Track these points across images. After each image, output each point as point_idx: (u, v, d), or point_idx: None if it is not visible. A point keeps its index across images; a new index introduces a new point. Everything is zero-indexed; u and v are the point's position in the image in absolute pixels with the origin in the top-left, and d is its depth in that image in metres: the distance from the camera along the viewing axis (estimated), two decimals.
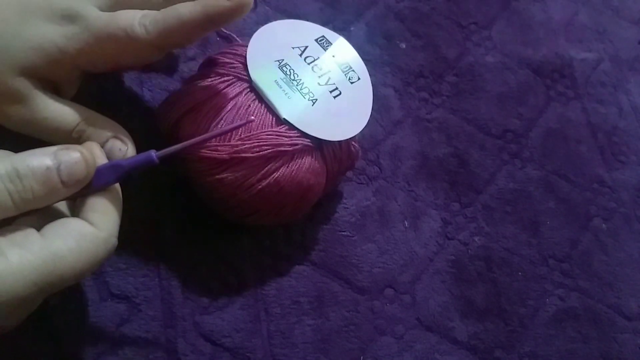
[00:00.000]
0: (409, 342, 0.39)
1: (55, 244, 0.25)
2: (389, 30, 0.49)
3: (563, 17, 0.55)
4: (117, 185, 0.30)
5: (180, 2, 0.33)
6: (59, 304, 0.34)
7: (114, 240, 0.28)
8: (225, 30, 0.44)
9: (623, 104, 0.53)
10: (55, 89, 0.33)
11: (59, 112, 0.32)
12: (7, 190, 0.25)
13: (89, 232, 0.27)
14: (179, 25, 0.32)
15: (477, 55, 0.51)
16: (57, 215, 0.29)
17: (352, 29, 0.48)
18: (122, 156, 0.31)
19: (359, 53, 0.39)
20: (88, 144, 0.30)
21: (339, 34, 0.39)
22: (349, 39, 0.39)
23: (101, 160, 0.29)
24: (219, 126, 0.34)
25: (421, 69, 0.49)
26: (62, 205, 0.30)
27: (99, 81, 0.40)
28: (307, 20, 0.40)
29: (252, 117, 0.34)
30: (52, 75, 0.32)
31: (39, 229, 0.26)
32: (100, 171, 0.28)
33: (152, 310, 0.35)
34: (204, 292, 0.37)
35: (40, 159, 0.26)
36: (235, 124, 0.31)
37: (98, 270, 0.35)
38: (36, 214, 0.27)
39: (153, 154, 0.29)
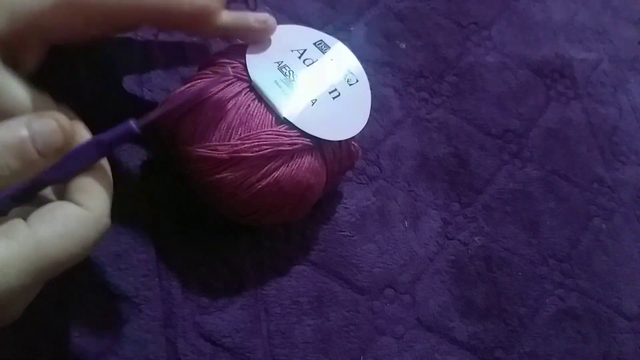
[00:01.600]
0: (409, 342, 0.39)
1: (41, 230, 0.24)
2: (389, 30, 0.49)
3: (563, 17, 0.55)
4: (106, 162, 0.28)
5: None
6: (58, 303, 0.34)
7: (105, 220, 0.27)
8: None
9: (623, 104, 0.53)
10: (14, 62, 0.30)
11: (15, 93, 0.29)
12: None
13: (75, 214, 0.26)
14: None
15: (477, 55, 0.51)
16: (45, 202, 0.27)
17: (352, 29, 0.48)
18: None
19: (359, 53, 0.39)
20: (60, 109, 0.28)
21: (339, 34, 0.40)
22: (349, 39, 0.40)
23: (81, 136, 0.28)
24: (219, 126, 0.34)
25: (421, 69, 0.49)
26: (48, 191, 0.29)
27: (98, 82, 0.40)
28: (308, 20, 0.40)
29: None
30: (15, 41, 0.29)
31: (24, 215, 0.25)
32: (79, 150, 0.27)
33: (152, 310, 0.35)
34: (204, 292, 0.37)
35: (12, 131, 0.24)
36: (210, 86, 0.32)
37: (98, 270, 0.35)
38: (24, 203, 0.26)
39: (132, 123, 0.27)
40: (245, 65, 0.36)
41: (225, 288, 0.37)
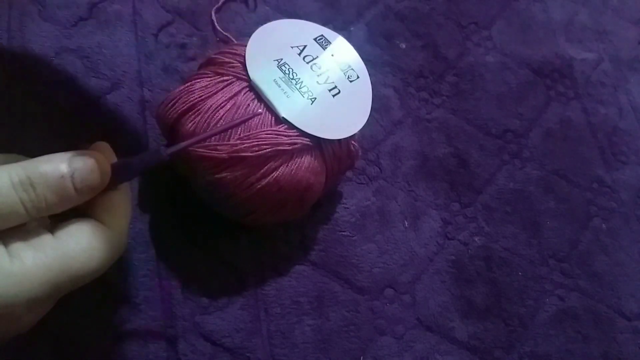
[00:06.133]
0: (409, 342, 0.39)
1: (68, 244, 0.25)
2: (389, 30, 0.49)
3: (563, 17, 0.55)
4: (127, 183, 0.29)
5: None
6: (59, 303, 0.34)
7: (125, 239, 0.28)
8: (223, 32, 0.44)
9: (623, 104, 0.53)
10: None
11: None
12: (20, 199, 0.24)
13: (100, 232, 0.27)
14: None
15: (477, 55, 0.51)
16: (69, 215, 0.28)
17: (352, 29, 0.48)
18: None
19: (359, 53, 0.39)
20: (100, 145, 0.29)
21: (339, 34, 0.39)
22: (349, 39, 0.39)
23: (111, 159, 0.29)
24: (219, 126, 0.34)
25: (421, 69, 0.49)
26: None
27: (97, 82, 0.40)
28: (307, 20, 0.40)
29: (260, 110, 0.33)
30: None
31: (51, 229, 0.26)
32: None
33: (152, 310, 0.35)
34: (204, 292, 0.37)
35: (54, 166, 0.25)
36: (243, 117, 0.31)
37: None
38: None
39: (162, 150, 0.28)
40: (244, 64, 0.36)
41: (225, 288, 0.37)
